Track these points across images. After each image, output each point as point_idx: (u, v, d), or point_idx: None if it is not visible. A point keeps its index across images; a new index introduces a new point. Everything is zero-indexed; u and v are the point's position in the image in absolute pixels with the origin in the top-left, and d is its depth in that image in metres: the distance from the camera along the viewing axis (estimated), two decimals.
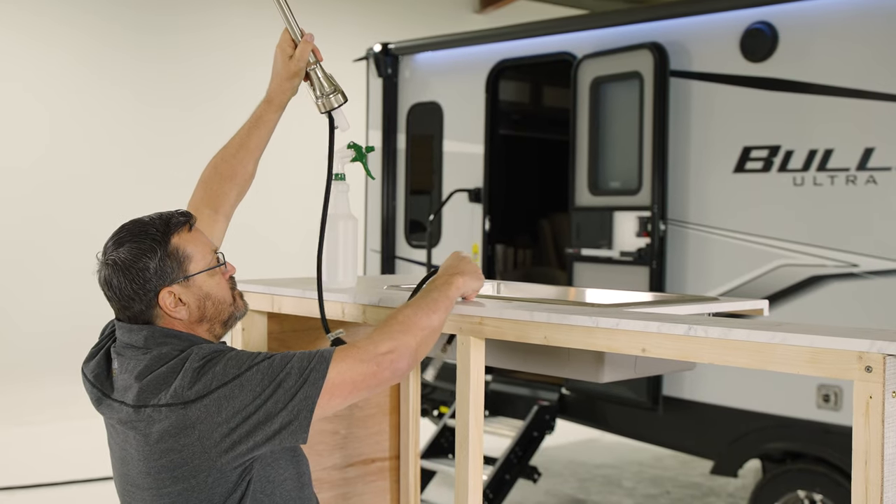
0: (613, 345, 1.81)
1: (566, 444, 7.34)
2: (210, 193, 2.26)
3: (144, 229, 1.90)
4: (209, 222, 2.21)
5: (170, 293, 1.89)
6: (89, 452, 6.91)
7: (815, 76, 4.59)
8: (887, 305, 4.40)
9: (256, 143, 2.27)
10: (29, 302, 9.32)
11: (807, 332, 1.59)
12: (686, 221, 5.00)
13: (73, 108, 9.58)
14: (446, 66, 6.41)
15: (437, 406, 6.25)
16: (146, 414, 1.78)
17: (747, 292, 4.79)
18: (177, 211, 1.98)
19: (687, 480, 6.64)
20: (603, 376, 2.08)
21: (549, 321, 1.91)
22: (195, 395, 1.75)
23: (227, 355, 1.81)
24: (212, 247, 1.98)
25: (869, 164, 4.42)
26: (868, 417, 1.49)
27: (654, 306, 2.10)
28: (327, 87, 2.24)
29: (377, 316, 2.26)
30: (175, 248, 1.90)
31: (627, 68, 5.17)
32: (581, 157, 5.37)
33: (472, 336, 2.06)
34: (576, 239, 5.36)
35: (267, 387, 1.76)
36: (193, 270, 1.91)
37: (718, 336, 1.66)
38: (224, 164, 2.27)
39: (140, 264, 1.87)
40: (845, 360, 1.52)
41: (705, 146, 4.95)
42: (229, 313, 1.98)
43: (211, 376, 1.77)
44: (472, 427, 2.06)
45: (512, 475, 5.35)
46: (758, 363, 1.63)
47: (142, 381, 1.81)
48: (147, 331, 1.88)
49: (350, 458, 2.85)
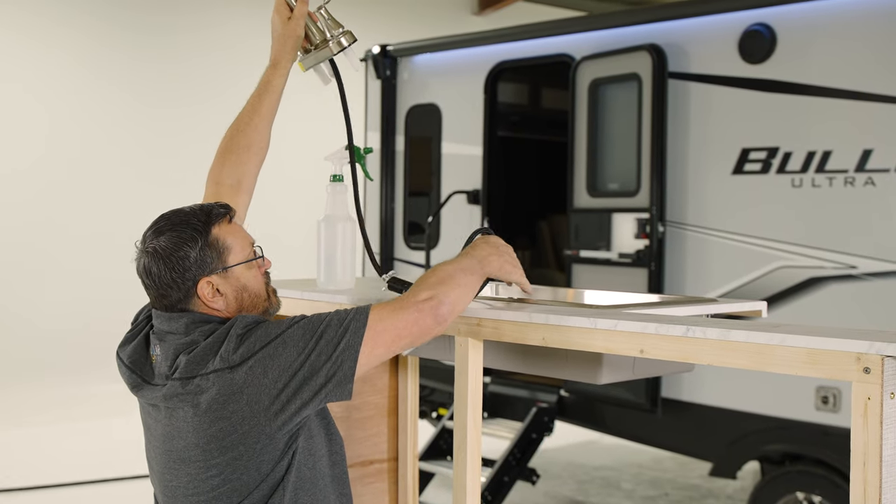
0: (611, 346, 1.81)
1: (565, 446, 7.34)
2: (229, 166, 2.26)
3: (186, 219, 1.91)
4: (231, 195, 2.22)
5: (208, 283, 1.89)
6: (91, 454, 6.92)
7: (814, 78, 4.59)
8: (886, 307, 4.40)
9: (268, 107, 2.30)
10: (29, 303, 9.31)
11: (805, 333, 1.58)
12: (685, 223, 5.00)
13: (72, 109, 9.58)
14: (445, 67, 6.41)
15: (435, 408, 6.25)
16: (195, 384, 1.80)
17: (746, 294, 4.79)
18: (217, 203, 1.98)
19: (686, 482, 6.63)
20: (601, 378, 2.07)
21: (547, 322, 1.90)
22: (240, 358, 1.77)
23: (268, 322, 1.85)
24: (250, 239, 1.99)
25: (867, 166, 4.42)
26: (866, 419, 1.49)
27: (653, 307, 2.10)
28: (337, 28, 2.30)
29: None
30: (215, 239, 1.91)
31: (626, 70, 5.17)
32: (580, 158, 5.37)
33: (471, 337, 2.06)
34: (574, 241, 5.36)
35: (309, 340, 1.79)
36: (233, 261, 1.92)
37: (717, 337, 1.66)
38: (240, 134, 2.28)
39: (180, 253, 1.87)
40: (844, 361, 1.52)
41: (704, 148, 4.95)
42: (264, 308, 1.99)
43: (254, 339, 1.79)
44: (471, 429, 2.06)
45: (511, 477, 5.35)
46: (756, 364, 1.63)
47: (189, 354, 1.82)
48: (187, 317, 1.89)
49: (348, 459, 2.85)
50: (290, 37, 2.28)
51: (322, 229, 2.47)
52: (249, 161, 2.27)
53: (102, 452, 6.91)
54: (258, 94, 2.31)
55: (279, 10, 2.28)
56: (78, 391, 8.88)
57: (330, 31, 2.30)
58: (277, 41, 2.29)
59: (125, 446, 5.77)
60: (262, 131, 2.29)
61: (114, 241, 9.44)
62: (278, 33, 2.29)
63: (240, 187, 2.25)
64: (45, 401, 8.69)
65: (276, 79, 2.30)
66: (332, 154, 2.46)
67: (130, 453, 2.65)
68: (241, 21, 10.46)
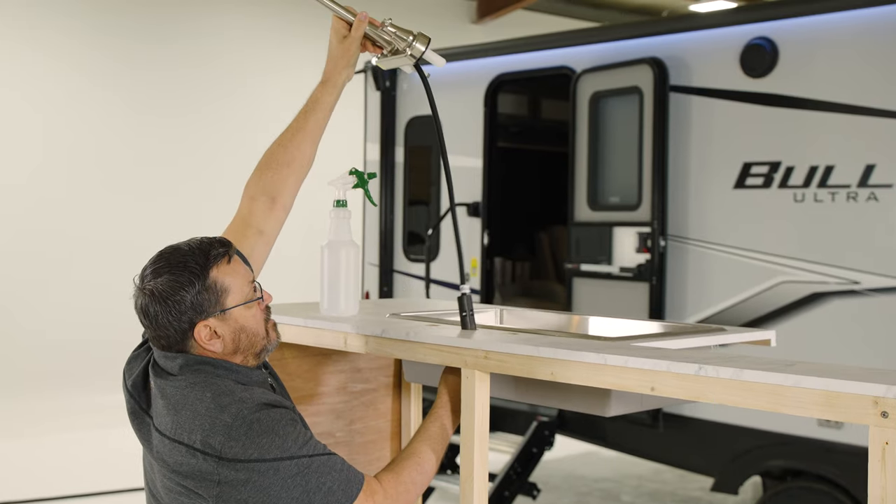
0: (622, 383, 1.78)
1: (565, 458, 7.31)
2: (268, 181, 2.20)
3: (183, 260, 1.86)
4: (265, 211, 2.18)
5: (206, 326, 1.86)
6: (88, 465, 6.89)
7: (816, 92, 4.57)
8: (888, 323, 4.38)
9: (314, 125, 2.24)
10: (31, 312, 9.29)
11: (820, 374, 1.56)
12: (686, 237, 4.98)
13: (70, 118, 9.55)
14: (445, 79, 6.38)
15: None
16: (175, 447, 1.78)
17: (748, 309, 4.77)
18: (217, 240, 1.94)
19: (686, 495, 6.61)
20: (609, 410, 2.05)
21: (555, 357, 1.88)
22: (230, 455, 1.72)
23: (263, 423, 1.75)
24: (249, 277, 1.95)
25: (870, 181, 4.40)
26: (884, 463, 1.46)
27: (662, 339, 2.07)
28: (407, 37, 2.23)
29: (379, 347, 2.23)
30: (214, 282, 1.87)
31: (627, 83, 5.15)
32: (580, 171, 5.35)
33: (477, 370, 2.03)
34: (575, 254, 5.34)
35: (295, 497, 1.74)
36: (231, 304, 1.88)
37: (729, 377, 1.64)
38: (281, 149, 2.23)
39: (177, 296, 1.84)
40: (860, 404, 1.49)
41: (705, 162, 4.93)
42: (262, 346, 1.94)
43: (246, 442, 1.73)
44: (478, 465, 2.04)
45: (511, 491, 5.32)
46: (769, 405, 1.60)
47: (178, 414, 1.79)
48: (182, 359, 1.86)
49: None
50: (343, 56, 2.24)
51: (325, 255, 2.44)
52: (289, 177, 2.21)
53: (104, 463, 6.88)
54: (305, 111, 2.25)
55: (336, 29, 2.25)
56: (81, 401, 8.83)
57: (401, 42, 2.24)
58: (331, 59, 2.25)
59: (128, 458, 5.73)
60: (306, 149, 2.24)
61: (115, 250, 9.46)
62: (333, 51, 2.25)
63: (274, 203, 2.19)
64: (47, 411, 8.66)
65: (326, 96, 2.25)
66: (335, 179, 2.43)
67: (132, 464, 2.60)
68: (239, 30, 10.44)
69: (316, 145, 2.26)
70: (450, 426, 2.15)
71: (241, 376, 1.88)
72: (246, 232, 2.13)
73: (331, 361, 2.75)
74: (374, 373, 2.85)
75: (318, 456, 1.77)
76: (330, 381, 2.76)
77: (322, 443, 1.81)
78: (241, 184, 2.28)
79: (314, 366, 2.73)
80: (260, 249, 2.16)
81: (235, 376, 1.87)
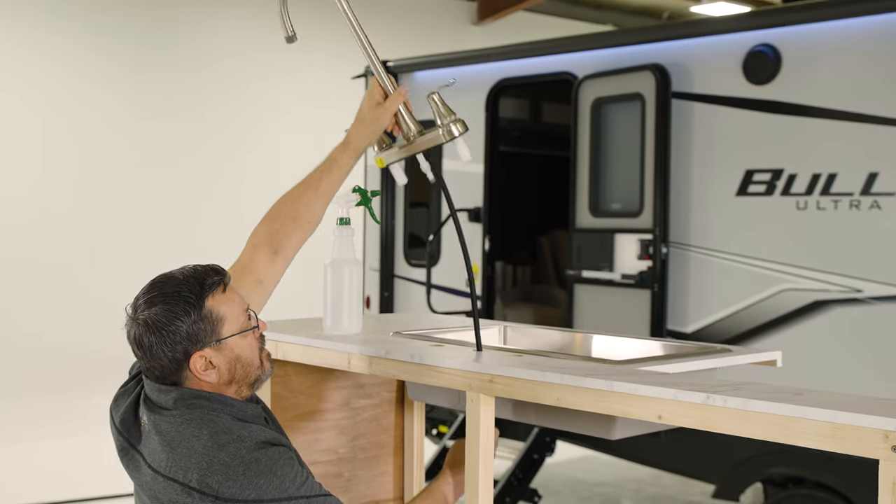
0: (629, 410, 1.77)
1: (565, 462, 7.30)
2: (271, 232, 2.18)
3: (178, 289, 1.83)
4: (267, 260, 2.16)
5: (201, 357, 1.83)
6: (86, 469, 6.87)
7: (819, 100, 4.55)
8: (890, 331, 4.37)
9: (327, 186, 2.21)
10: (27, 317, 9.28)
11: (829, 405, 1.55)
12: (688, 244, 4.97)
13: (70, 121, 9.55)
14: None
15: (436, 425, 6.21)
16: (170, 485, 1.75)
17: (749, 316, 4.76)
18: (211, 268, 1.90)
19: (686, 499, 6.60)
20: (615, 433, 2.04)
21: (562, 382, 1.87)
22: (227, 495, 1.70)
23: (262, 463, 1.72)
24: (244, 306, 1.92)
25: (873, 189, 4.39)
26: (894, 498, 1.45)
27: (667, 361, 2.06)
28: (449, 115, 2.19)
29: (384, 369, 2.22)
30: (209, 311, 1.84)
31: (629, 89, 5.13)
32: (582, 178, 5.34)
33: (482, 393, 2.02)
34: (576, 260, 5.33)
35: None
36: (226, 333, 1.86)
37: (737, 406, 1.63)
38: (290, 203, 2.20)
39: (172, 327, 1.81)
40: (870, 438, 1.48)
41: (707, 169, 4.91)
42: (256, 376, 1.92)
43: (244, 482, 1.70)
44: (483, 488, 2.03)
45: (512, 498, 5.32)
46: (776, 436, 1.59)
47: (173, 451, 1.76)
48: (176, 393, 1.83)
49: (354, 500, 2.81)
50: (373, 122, 2.21)
51: (328, 273, 2.43)
52: (293, 233, 2.19)
53: (102, 467, 6.86)
54: (321, 169, 2.22)
55: (371, 93, 2.22)
56: (79, 405, 8.82)
57: (443, 117, 2.19)
58: (358, 122, 2.22)
59: None
60: (315, 208, 2.20)
61: (115, 253, 9.45)
62: (363, 115, 2.22)
63: (276, 256, 2.18)
64: (44, 415, 8.64)
65: (344, 158, 2.22)
66: (338, 197, 2.42)
67: None
68: (240, 32, 10.42)
69: (326, 206, 2.23)
70: (451, 498, 2.15)
71: (237, 411, 1.85)
72: (245, 279, 2.10)
73: (334, 378, 2.74)
74: (377, 389, 2.84)
75: (315, 497, 1.74)
76: (333, 398, 2.76)
77: (318, 482, 1.78)
78: (240, 187, 2.27)
79: (317, 382, 2.72)
80: (256, 297, 2.13)
81: (231, 411, 1.84)
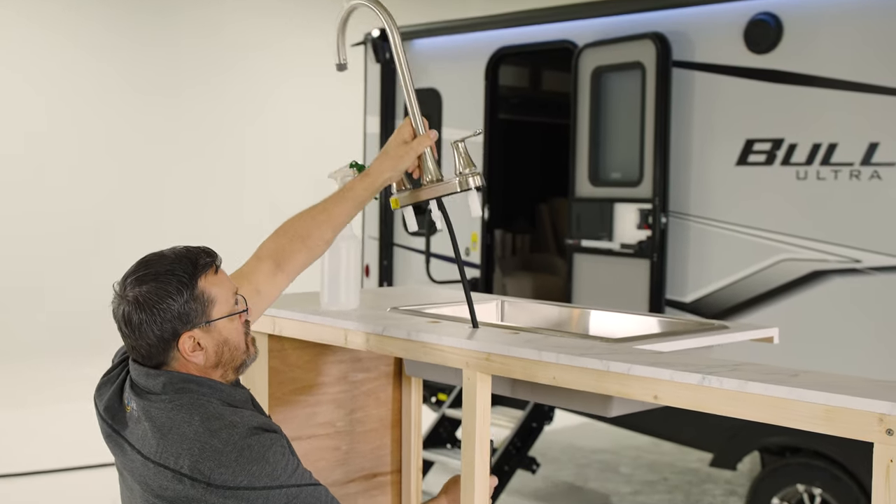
0: (625, 391, 1.77)
1: (563, 429, 7.34)
2: (279, 247, 2.17)
3: (171, 268, 1.81)
4: (269, 274, 2.14)
5: (190, 337, 1.81)
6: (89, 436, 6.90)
7: (820, 69, 4.52)
8: (889, 301, 4.37)
9: (340, 214, 2.20)
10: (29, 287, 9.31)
11: (825, 388, 1.55)
12: (687, 214, 4.96)
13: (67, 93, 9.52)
14: (445, 52, 6.32)
15: (434, 393, 6.23)
16: (160, 472, 1.73)
17: (748, 286, 4.76)
18: (202, 249, 1.88)
19: (684, 466, 6.64)
20: (611, 411, 2.05)
21: (558, 362, 1.87)
22: (219, 482, 1.69)
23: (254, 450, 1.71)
24: (233, 289, 1.91)
25: (873, 159, 4.37)
26: (888, 481, 1.46)
27: (664, 339, 2.06)
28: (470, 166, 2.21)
29: (380, 346, 2.22)
30: (201, 292, 1.82)
31: (629, 58, 5.10)
32: (581, 147, 5.32)
33: (479, 371, 2.03)
34: (576, 230, 5.32)
35: None
36: (216, 315, 1.84)
37: (734, 388, 1.63)
38: (302, 223, 2.19)
39: (163, 305, 1.78)
40: (865, 421, 1.48)
41: (708, 138, 4.89)
42: (242, 360, 1.90)
43: (236, 469, 1.69)
44: (479, 465, 2.04)
45: (511, 466, 5.35)
46: (772, 418, 1.60)
47: (164, 437, 1.75)
48: (165, 377, 1.81)
49: (352, 473, 2.83)
50: (396, 159, 2.21)
51: None
52: (299, 252, 2.17)
53: None
54: (338, 195, 2.22)
55: (401, 131, 2.23)
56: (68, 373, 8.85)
57: (465, 167, 2.21)
58: (382, 156, 2.22)
59: None
60: (325, 232, 2.19)
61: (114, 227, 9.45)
62: (388, 150, 2.22)
63: (278, 270, 2.16)
64: (47, 381, 8.69)
65: (362, 191, 2.21)
66: (335, 172, 2.41)
67: None
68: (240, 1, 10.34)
69: (336, 233, 2.22)
70: None
71: (226, 396, 1.83)
72: (244, 287, 2.05)
73: (331, 352, 2.75)
74: (374, 362, 2.85)
75: (306, 486, 1.74)
76: (330, 372, 2.76)
77: (308, 470, 1.77)
78: (241, 160, 2.25)
79: (315, 356, 2.72)
80: (253, 306, 2.07)
81: (220, 395, 1.82)
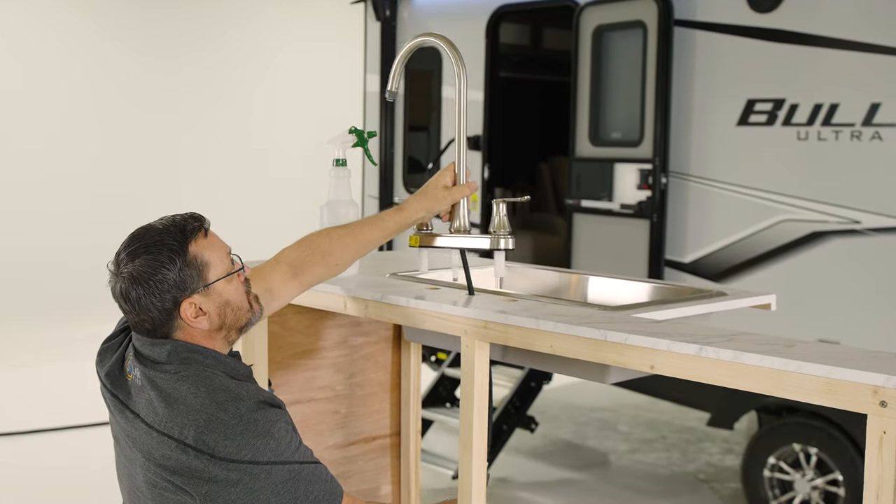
0: (622, 360, 1.78)
1: (561, 387, 7.39)
2: (300, 257, 2.18)
3: (160, 238, 1.80)
4: (285, 279, 2.15)
5: (191, 304, 1.81)
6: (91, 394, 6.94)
7: (823, 29, 4.49)
8: (888, 262, 4.38)
9: (366, 238, 2.21)
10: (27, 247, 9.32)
11: (821, 360, 1.56)
12: (687, 174, 4.95)
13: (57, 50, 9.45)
14: (446, 9, 6.27)
15: (434, 352, 6.26)
16: (164, 441, 1.73)
17: (748, 247, 4.77)
18: (190, 215, 1.88)
19: (682, 425, 6.69)
20: (609, 378, 2.06)
21: (555, 331, 1.88)
22: (224, 454, 1.69)
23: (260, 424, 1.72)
24: (227, 249, 1.90)
25: (875, 120, 4.35)
26: (881, 452, 1.47)
27: (662, 307, 2.07)
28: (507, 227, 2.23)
29: (379, 312, 2.23)
30: (194, 256, 1.81)
31: (631, 17, 5.05)
32: (582, 107, 5.29)
33: (477, 339, 2.03)
34: (576, 190, 5.31)
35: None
36: (213, 277, 1.83)
37: (730, 359, 1.64)
38: (326, 238, 2.20)
39: (158, 276, 1.78)
40: (860, 393, 1.49)
41: (708, 98, 4.87)
42: (247, 319, 1.91)
43: (241, 442, 1.70)
44: (477, 432, 2.05)
45: (509, 425, 5.39)
46: (769, 389, 1.61)
47: (170, 407, 1.75)
48: (170, 345, 1.81)
49: (351, 436, 2.85)
50: (433, 200, 2.22)
51: (324, 214, 2.43)
52: (318, 266, 2.18)
53: None
54: (367, 221, 2.24)
55: (444, 174, 2.25)
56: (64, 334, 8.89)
57: (501, 228, 2.22)
58: (420, 195, 2.24)
59: None
60: (347, 253, 2.21)
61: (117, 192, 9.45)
62: (428, 189, 2.24)
63: (294, 278, 2.16)
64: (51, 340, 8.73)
65: (392, 223, 2.22)
66: (334, 138, 2.40)
67: None
68: None
69: (358, 257, 2.24)
70: None
71: (230, 369, 1.84)
72: (257, 284, 2.04)
73: (331, 316, 2.76)
74: (373, 326, 2.86)
75: (307, 464, 1.75)
76: (330, 336, 2.77)
77: (309, 448, 1.78)
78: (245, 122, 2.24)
79: (314, 321, 2.73)
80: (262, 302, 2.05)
81: (224, 368, 1.82)
